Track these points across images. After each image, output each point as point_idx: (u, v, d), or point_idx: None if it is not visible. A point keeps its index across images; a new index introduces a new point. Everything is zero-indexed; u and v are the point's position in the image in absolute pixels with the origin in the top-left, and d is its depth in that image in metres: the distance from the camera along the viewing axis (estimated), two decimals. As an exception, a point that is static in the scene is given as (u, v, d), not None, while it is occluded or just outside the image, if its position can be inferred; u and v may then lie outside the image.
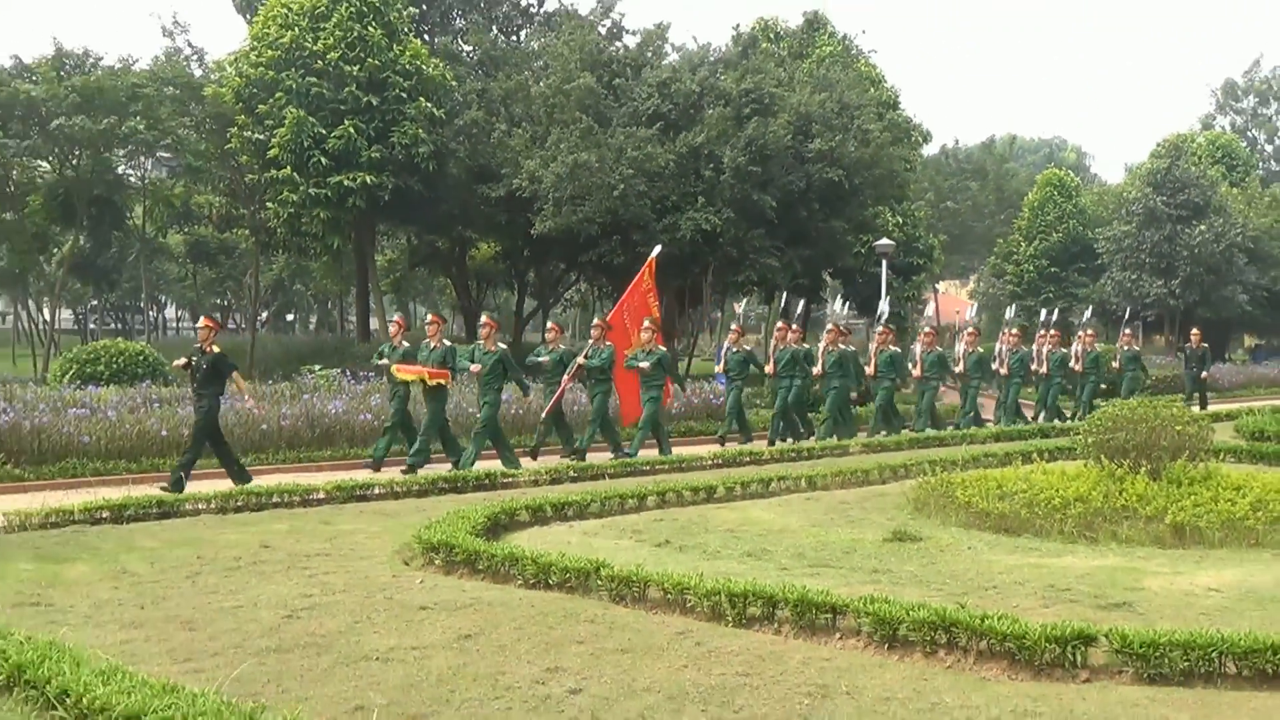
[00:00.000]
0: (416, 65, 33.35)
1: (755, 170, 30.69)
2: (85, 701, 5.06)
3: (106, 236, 44.48)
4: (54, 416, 15.84)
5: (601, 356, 17.66)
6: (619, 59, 34.61)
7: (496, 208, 33.98)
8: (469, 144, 34.13)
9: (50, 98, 34.30)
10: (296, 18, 32.71)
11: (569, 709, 5.53)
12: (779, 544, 9.89)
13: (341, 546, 9.78)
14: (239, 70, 34.13)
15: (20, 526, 10.53)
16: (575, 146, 30.35)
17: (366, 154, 31.88)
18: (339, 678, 6.03)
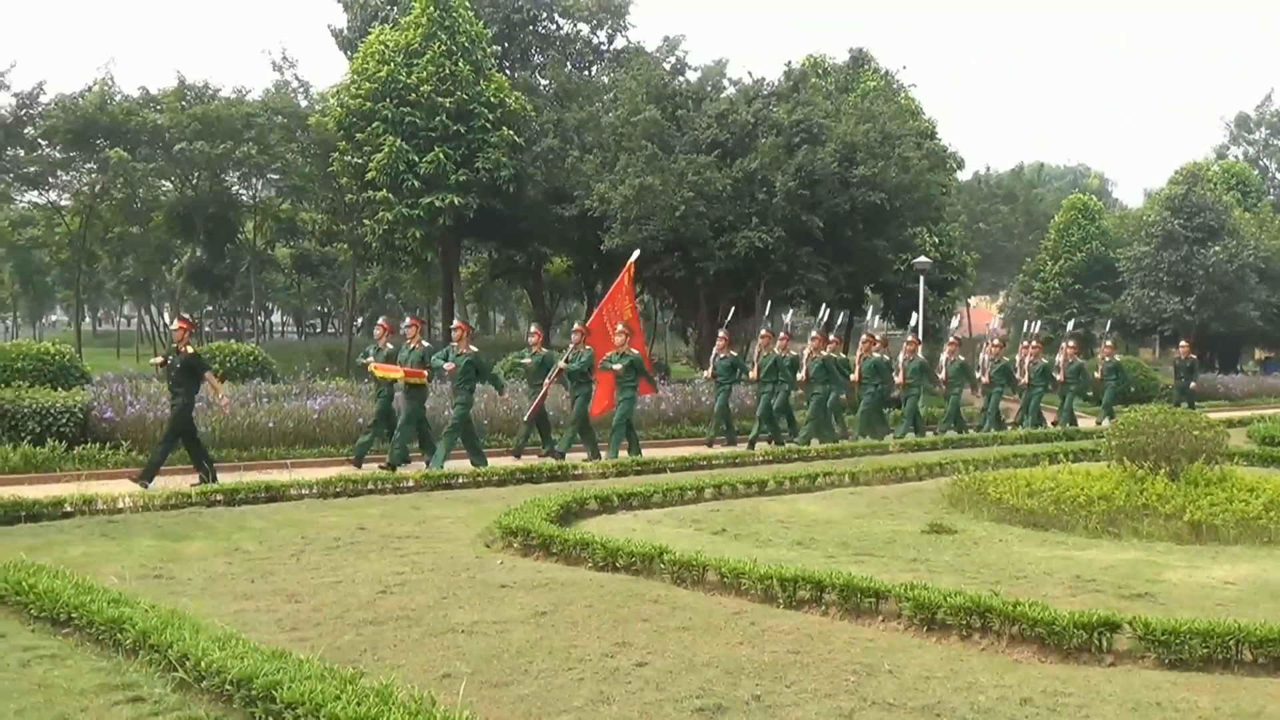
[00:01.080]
0: (500, 98, 33.55)
1: (804, 194, 30.62)
2: (203, 665, 5.10)
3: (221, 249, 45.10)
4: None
5: (581, 360, 16.75)
6: (681, 92, 34.62)
7: (569, 226, 34.12)
8: (545, 168, 34.26)
9: (174, 125, 34.86)
10: (393, 54, 33.00)
11: (635, 680, 5.50)
12: (825, 534, 9.81)
13: (430, 529, 9.81)
14: (340, 101, 34.45)
15: (144, 507, 10.66)
16: (641, 171, 30.40)
17: (454, 177, 32.12)
18: (428, 648, 6.04)
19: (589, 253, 36.47)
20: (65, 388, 16.43)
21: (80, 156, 37.04)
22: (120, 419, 15.51)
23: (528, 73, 40.83)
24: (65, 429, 15.03)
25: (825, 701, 5.26)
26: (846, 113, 33.49)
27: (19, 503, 10.14)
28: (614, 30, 42.60)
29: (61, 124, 34.76)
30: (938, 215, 37.87)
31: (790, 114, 32.35)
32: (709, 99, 34.08)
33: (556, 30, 42.36)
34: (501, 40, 39.52)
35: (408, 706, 4.48)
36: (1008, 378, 22.61)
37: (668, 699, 5.24)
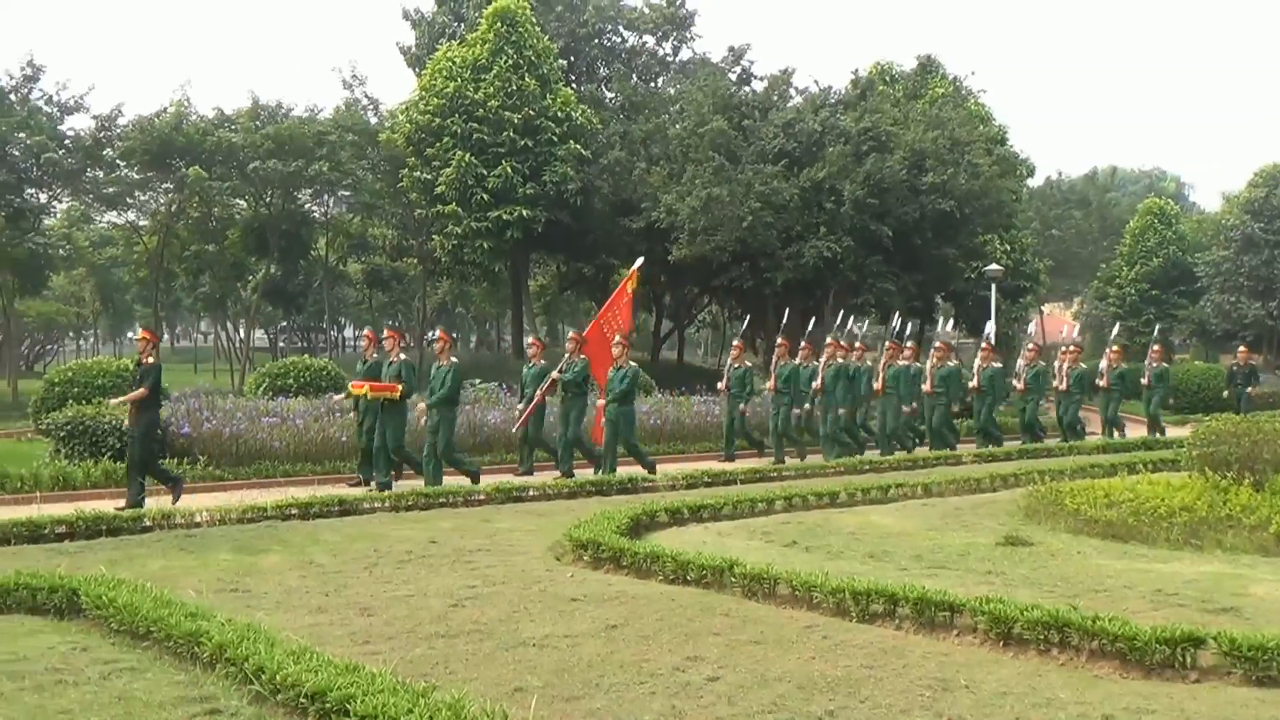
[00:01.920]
0: (566, 111, 33.77)
1: (873, 202, 30.46)
2: (278, 678, 5.15)
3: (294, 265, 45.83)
4: (249, 424, 16.25)
5: (574, 370, 15.83)
6: (748, 102, 34.62)
7: (637, 237, 34.15)
8: (612, 181, 34.39)
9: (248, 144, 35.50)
10: (460, 70, 33.34)
11: (707, 695, 5.46)
12: (898, 546, 9.68)
13: (500, 543, 9.83)
14: (410, 118, 34.88)
15: (221, 521, 10.81)
16: (708, 182, 30.41)
17: (522, 191, 32.37)
18: (499, 662, 6.04)
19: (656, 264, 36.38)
20: (144, 404, 16.72)
21: (157, 177, 37.85)
22: (197, 434, 15.77)
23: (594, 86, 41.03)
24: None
25: (900, 717, 5.18)
26: (915, 120, 33.26)
27: (100, 517, 10.34)
28: (679, 42, 42.68)
29: (139, 145, 35.56)
30: (1009, 222, 37.42)
31: (858, 122, 32.20)
32: (775, 108, 34.04)
33: (622, 43, 42.53)
34: (568, 54, 39.75)
35: (479, 721, 4.49)
36: (1084, 386, 22.17)
37: (740, 713, 5.19)
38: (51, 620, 7.04)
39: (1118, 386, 22.64)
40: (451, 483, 13.66)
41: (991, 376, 20.59)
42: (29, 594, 7.24)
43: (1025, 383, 21.28)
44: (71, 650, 6.24)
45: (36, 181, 36.77)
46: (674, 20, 41.87)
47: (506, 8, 33.88)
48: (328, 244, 45.39)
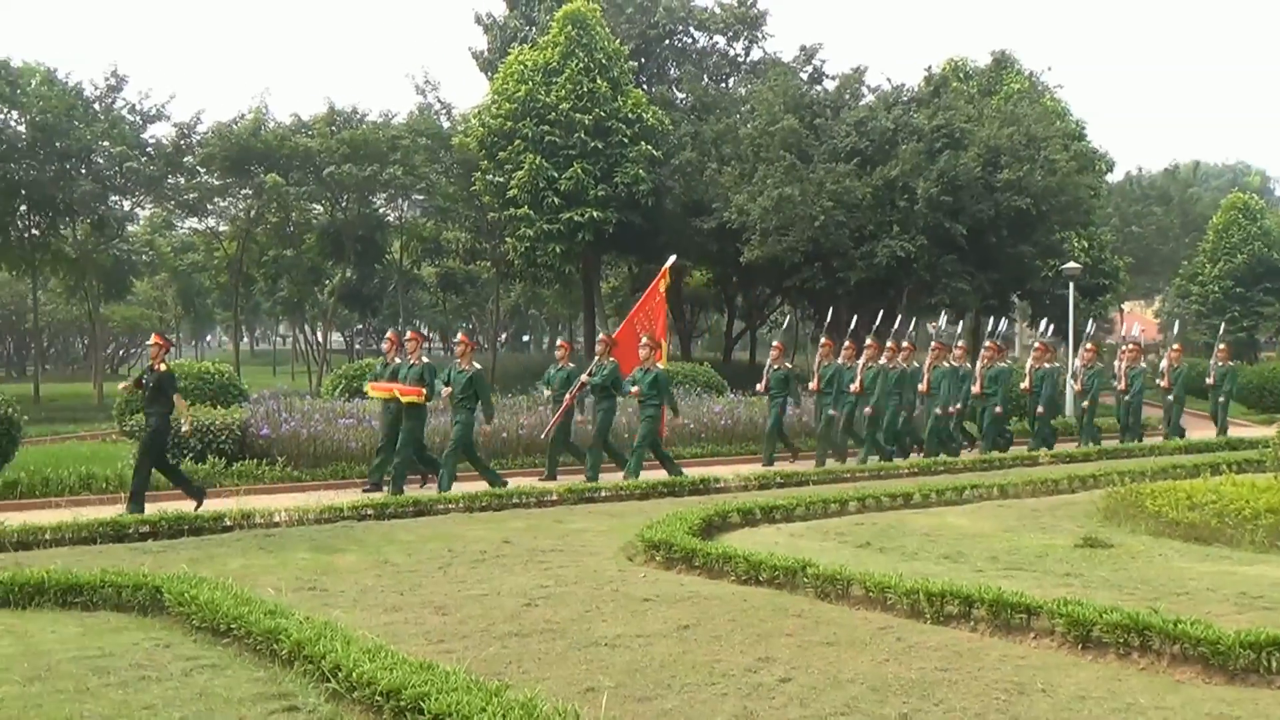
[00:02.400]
0: (637, 113, 33.83)
1: (947, 200, 30.15)
2: (355, 676, 5.22)
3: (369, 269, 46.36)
4: (326, 425, 16.49)
5: (604, 373, 15.59)
6: (819, 101, 34.47)
7: (708, 238, 34.14)
8: (684, 181, 34.38)
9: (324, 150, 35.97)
10: (532, 73, 33.53)
11: (779, 696, 5.44)
12: (973, 548, 9.58)
13: (573, 543, 9.88)
14: (482, 121, 35.13)
15: (299, 521, 10.99)
16: (780, 182, 30.29)
17: (593, 193, 32.49)
18: (572, 661, 6.07)
19: (728, 265, 36.47)
20: (224, 406, 17.06)
21: (236, 183, 38.47)
22: (275, 435, 16.03)
23: (665, 87, 41.00)
24: (224, 445, 15.61)
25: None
26: (989, 116, 32.86)
27: (182, 517, 10.57)
28: (750, 41, 42.53)
29: (218, 151, 36.17)
30: (1087, 219, 36.79)
31: (931, 119, 31.89)
32: (847, 107, 33.84)
33: (693, 43, 42.48)
34: (638, 55, 39.77)
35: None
36: (1147, 384, 21.61)
37: (812, 715, 5.16)
38: (136, 617, 7.19)
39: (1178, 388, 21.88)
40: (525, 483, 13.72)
41: (1044, 377, 20.05)
42: (114, 592, 7.41)
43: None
44: (155, 647, 6.38)
45: (120, 189, 37.58)
46: (745, 20, 41.73)
47: (577, 10, 34.01)
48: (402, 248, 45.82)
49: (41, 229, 37.00)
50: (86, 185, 34.99)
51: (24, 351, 67.83)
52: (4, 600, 7.44)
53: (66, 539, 9.90)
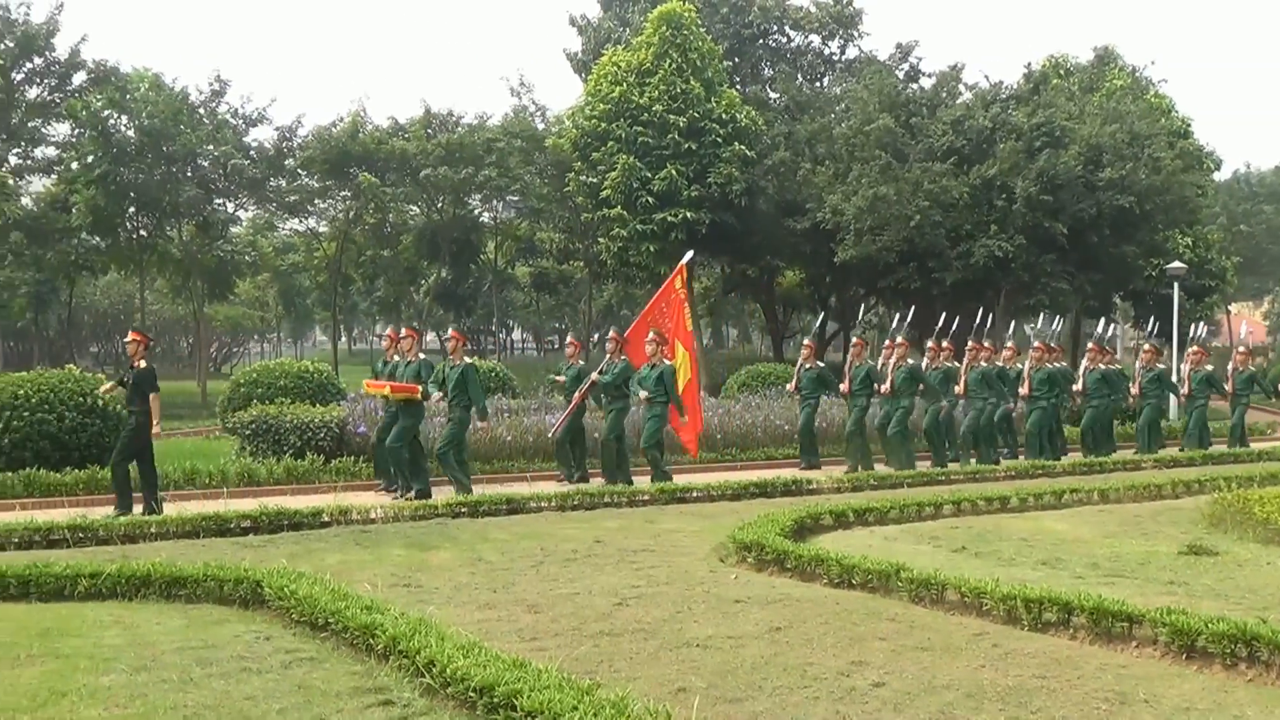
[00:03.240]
0: (731, 113, 33.75)
1: (1046, 199, 29.63)
2: (449, 671, 5.26)
3: (464, 269, 46.88)
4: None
5: (614, 372, 14.96)
6: (916, 99, 34.11)
7: (801, 238, 33.97)
8: (777, 182, 34.24)
9: (420, 152, 36.47)
10: (625, 75, 33.63)
11: (872, 701, 5.38)
12: (1072, 553, 9.38)
13: (664, 543, 9.87)
14: (576, 123, 35.32)
15: (394, 519, 11.12)
16: (875, 181, 30.04)
17: (687, 193, 32.49)
18: (663, 661, 6.06)
19: (821, 265, 36.23)
20: (323, 404, 17.32)
21: (335, 185, 39.18)
22: (372, 433, 16.23)
23: (758, 87, 40.87)
24: (323, 443, 15.87)
25: (1075, 730, 5.03)
26: (1091, 114, 32.20)
27: (282, 512, 10.76)
28: (845, 40, 42.23)
29: (318, 154, 36.88)
30: (1193, 218, 35.83)
31: (1030, 117, 31.36)
32: (944, 105, 33.44)
33: (787, 43, 42.29)
34: (732, 55, 39.70)
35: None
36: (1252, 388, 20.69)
37: (906, 721, 5.11)
38: (237, 610, 7.33)
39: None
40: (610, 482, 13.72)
41: (1157, 378, 19.44)
42: (217, 585, 7.56)
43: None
44: (255, 639, 6.50)
45: (224, 191, 38.47)
46: (840, 19, 41.43)
47: (672, 11, 34.02)
48: (496, 248, 46.31)
49: (149, 230, 38.05)
50: (192, 188, 35.89)
51: (131, 350, 69.70)
52: (112, 591, 7.63)
53: (171, 533, 10.14)
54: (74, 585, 7.65)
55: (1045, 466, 16.15)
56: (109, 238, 37.81)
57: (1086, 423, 19.03)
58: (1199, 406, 19.72)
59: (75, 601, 7.54)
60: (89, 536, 9.77)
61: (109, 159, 34.82)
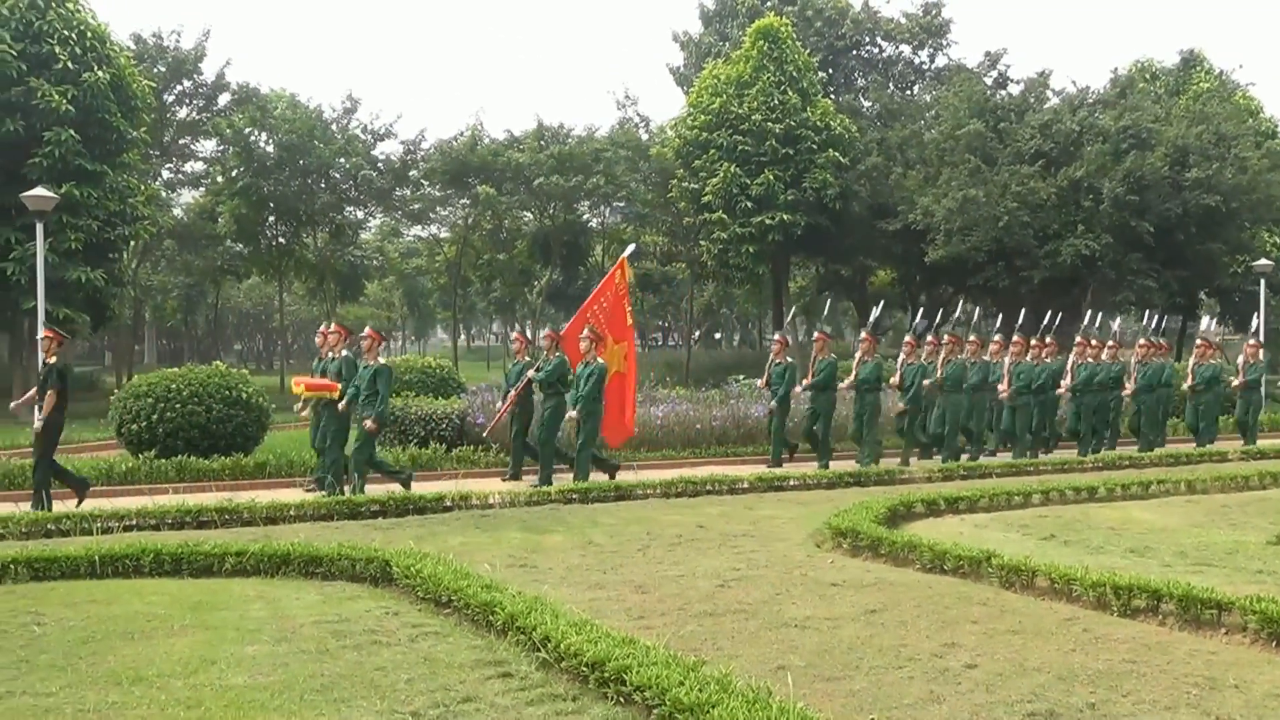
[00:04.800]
0: (825, 121, 33.51)
1: (1133, 199, 28.86)
2: (562, 647, 5.30)
3: (574, 270, 47.16)
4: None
5: (549, 369, 13.92)
6: (1004, 105, 33.48)
7: (893, 239, 33.55)
8: (870, 185, 33.86)
9: (533, 163, 36.75)
10: (725, 87, 33.56)
11: (965, 682, 5.28)
12: (1160, 542, 9.10)
13: (763, 529, 9.81)
14: (678, 133, 35.33)
15: (511, 503, 11.22)
16: (964, 184, 29.57)
17: (783, 197, 32.32)
18: (763, 641, 6.02)
19: (912, 265, 35.75)
20: (444, 397, 17.56)
21: (455, 194, 39.70)
22: (491, 424, 16.39)
23: (851, 96, 40.45)
24: (445, 433, 16.09)
25: (1165, 714, 4.86)
26: (1177, 116, 31.29)
27: (408, 498, 10.94)
28: (935, 49, 41.59)
29: (440, 166, 37.41)
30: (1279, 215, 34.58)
31: (1117, 120, 30.58)
32: (1032, 110, 32.77)
33: (879, 53, 41.79)
34: (826, 66, 39.36)
35: (745, 695, 4.48)
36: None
37: (999, 702, 4.99)
38: (368, 587, 7.46)
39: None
40: (717, 472, 13.64)
41: (1213, 375, 18.32)
42: (349, 564, 7.70)
43: (1245, 379, 18.54)
44: (385, 614, 6.61)
45: (354, 201, 39.23)
46: (930, 29, 40.80)
47: (769, 26, 33.88)
48: (604, 251, 46.47)
49: (287, 237, 38.97)
50: (325, 198, 36.68)
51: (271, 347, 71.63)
52: (255, 569, 7.82)
53: (308, 515, 10.34)
54: (221, 563, 7.85)
55: (1133, 458, 15.71)
56: (251, 244, 38.82)
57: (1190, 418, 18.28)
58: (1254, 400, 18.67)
59: (222, 578, 7.73)
60: (234, 518, 10.03)
61: (251, 173, 35.74)
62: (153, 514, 9.86)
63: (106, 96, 26.16)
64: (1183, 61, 39.33)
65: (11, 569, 7.56)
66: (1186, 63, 39.15)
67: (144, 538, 8.64)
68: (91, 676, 5.32)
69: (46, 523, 9.46)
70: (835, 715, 4.76)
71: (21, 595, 7.09)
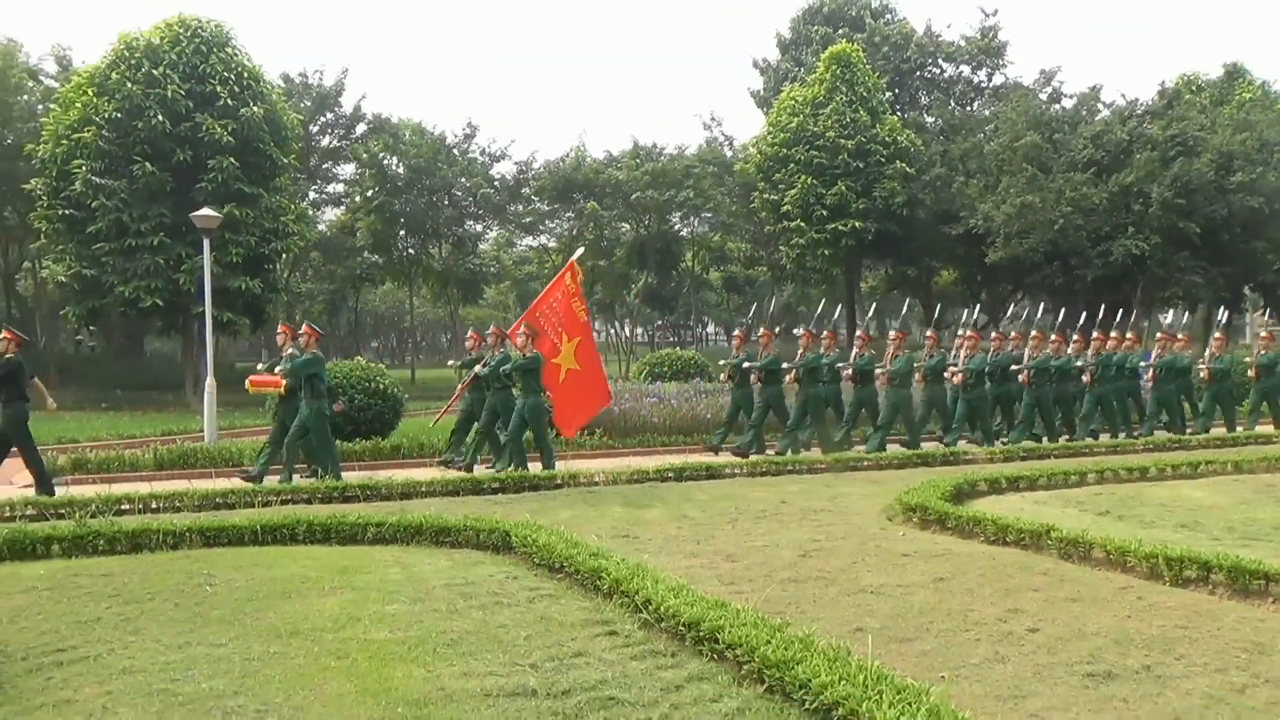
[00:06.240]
0: (893, 136, 33.09)
1: (1180, 202, 27.94)
2: (662, 609, 5.30)
3: (667, 275, 47.19)
4: (634, 403, 16.81)
5: (494, 364, 12.98)
6: (1058, 118, 32.62)
7: (956, 242, 32.95)
8: (934, 194, 33.29)
9: (630, 179, 36.89)
10: (801, 107, 33.30)
11: (1028, 644, 5.16)
12: (1209, 518, 8.78)
13: (840, 504, 9.70)
14: (759, 149, 35.12)
15: (613, 481, 11.25)
16: (1022, 191, 28.91)
17: (855, 206, 32.00)
18: (842, 605, 5.96)
19: (974, 265, 35.07)
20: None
21: (562, 208, 40.04)
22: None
23: (916, 112, 39.79)
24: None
25: (1216, 676, 4.70)
26: (1222, 124, 30.16)
27: (524, 476, 11.04)
28: (992, 69, 40.68)
29: (548, 184, 37.79)
30: (1321, 215, 33.11)
31: (1165, 130, 29.59)
32: (1084, 122, 31.90)
33: (941, 74, 41.02)
34: (893, 86, 38.79)
35: (826, 654, 4.44)
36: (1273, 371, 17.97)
37: (1059, 663, 4.87)
38: (490, 554, 7.53)
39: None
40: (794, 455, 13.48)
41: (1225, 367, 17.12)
42: (474, 534, 7.79)
43: (1258, 369, 17.17)
44: (505, 578, 6.67)
45: (474, 215, 39.79)
46: (988, 50, 39.90)
47: (841, 51, 33.52)
48: (693, 256, 46.37)
49: (415, 249, 39.68)
50: (448, 213, 37.28)
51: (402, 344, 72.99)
52: (393, 538, 7.96)
53: (437, 491, 10.48)
54: (364, 532, 8.00)
55: (1181, 440, 15.17)
56: (384, 255, 39.63)
57: (1254, 401, 17.27)
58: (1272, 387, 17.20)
59: (365, 545, 7.88)
60: (374, 493, 10.20)
61: (384, 192, 36.47)
62: (305, 490, 10.11)
63: (261, 128, 26.90)
64: (1226, 74, 37.84)
65: (187, 536, 7.81)
66: (1230, 75, 37.66)
67: (298, 510, 8.85)
68: (255, 630, 5.47)
69: (216, 496, 9.76)
70: (908, 673, 4.69)
71: (196, 559, 7.32)
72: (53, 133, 25.88)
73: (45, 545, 7.48)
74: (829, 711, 4.06)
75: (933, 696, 3.90)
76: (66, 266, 27.13)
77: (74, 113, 25.72)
